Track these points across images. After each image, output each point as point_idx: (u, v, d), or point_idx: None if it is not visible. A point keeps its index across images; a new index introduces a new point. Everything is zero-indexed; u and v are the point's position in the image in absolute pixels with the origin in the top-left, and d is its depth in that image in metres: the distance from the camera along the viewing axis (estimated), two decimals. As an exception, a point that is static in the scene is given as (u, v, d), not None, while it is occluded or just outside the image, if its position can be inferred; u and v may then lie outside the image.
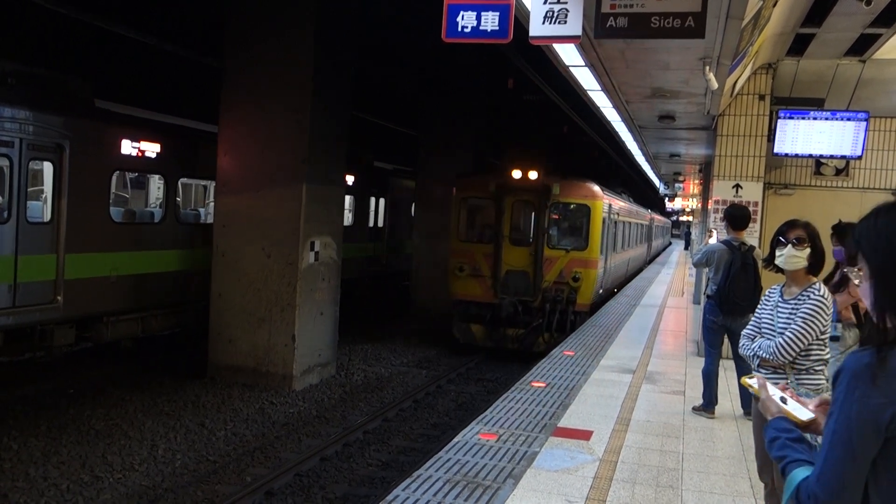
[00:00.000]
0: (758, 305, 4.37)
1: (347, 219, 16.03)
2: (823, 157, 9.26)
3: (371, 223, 19.19)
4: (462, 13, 5.10)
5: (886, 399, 1.54)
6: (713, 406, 6.91)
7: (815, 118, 8.65)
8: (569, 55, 6.68)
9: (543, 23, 4.91)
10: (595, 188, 14.71)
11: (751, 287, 6.55)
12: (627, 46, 6.31)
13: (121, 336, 11.32)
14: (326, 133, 11.54)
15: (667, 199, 39.62)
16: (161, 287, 11.72)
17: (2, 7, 12.32)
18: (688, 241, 39.26)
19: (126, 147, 10.94)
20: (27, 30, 13.02)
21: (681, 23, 4.64)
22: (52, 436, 8.59)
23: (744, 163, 9.32)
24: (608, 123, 11.51)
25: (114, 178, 11.08)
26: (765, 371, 4.07)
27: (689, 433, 6.37)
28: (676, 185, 27.40)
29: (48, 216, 9.82)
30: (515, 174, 14.09)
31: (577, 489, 4.86)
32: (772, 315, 4.12)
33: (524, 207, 14.55)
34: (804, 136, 8.65)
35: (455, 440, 5.83)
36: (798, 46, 8.16)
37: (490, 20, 5.07)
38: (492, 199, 14.41)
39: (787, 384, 3.84)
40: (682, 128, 11.02)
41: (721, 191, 9.39)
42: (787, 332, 3.96)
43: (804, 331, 3.92)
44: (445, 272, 14.99)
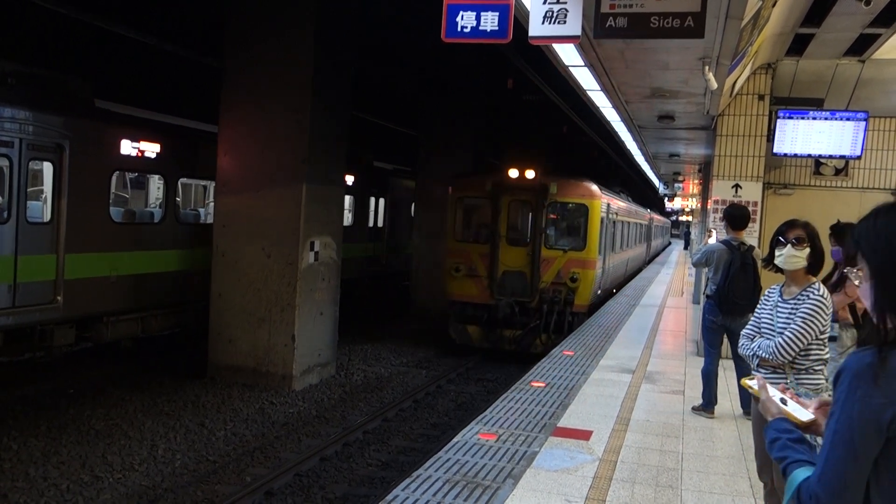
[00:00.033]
0: (757, 305, 4.37)
1: (347, 219, 16.04)
2: (823, 157, 9.27)
3: (371, 223, 19.20)
4: (461, 13, 5.10)
5: (887, 399, 1.54)
6: (713, 406, 6.92)
7: (815, 118, 8.66)
8: (568, 55, 6.68)
9: (543, 23, 4.92)
10: (593, 187, 14.52)
11: (750, 287, 6.56)
12: (627, 46, 6.31)
13: (121, 336, 11.32)
14: (326, 133, 11.55)
15: (666, 199, 39.64)
16: (161, 287, 11.73)
17: (2, 7, 12.32)
18: (687, 241, 39.26)
19: (126, 147, 10.94)
20: (27, 30, 13.01)
21: (680, 23, 4.65)
22: (52, 436, 8.59)
23: (743, 163, 9.33)
24: (608, 123, 11.52)
25: (113, 178, 11.09)
26: (764, 371, 4.07)
27: (689, 433, 6.37)
28: (676, 185, 27.42)
29: (48, 216, 9.82)
30: (512, 173, 13.91)
31: (577, 489, 4.86)
32: (771, 315, 4.12)
33: (521, 207, 14.35)
34: (803, 136, 8.66)
35: (455, 440, 5.83)
36: (797, 46, 8.17)
37: (489, 20, 5.07)
38: (488, 199, 14.23)
39: (787, 385, 3.86)
40: (682, 128, 11.03)
41: (720, 191, 9.39)
42: (787, 332, 3.96)
43: (803, 330, 3.92)
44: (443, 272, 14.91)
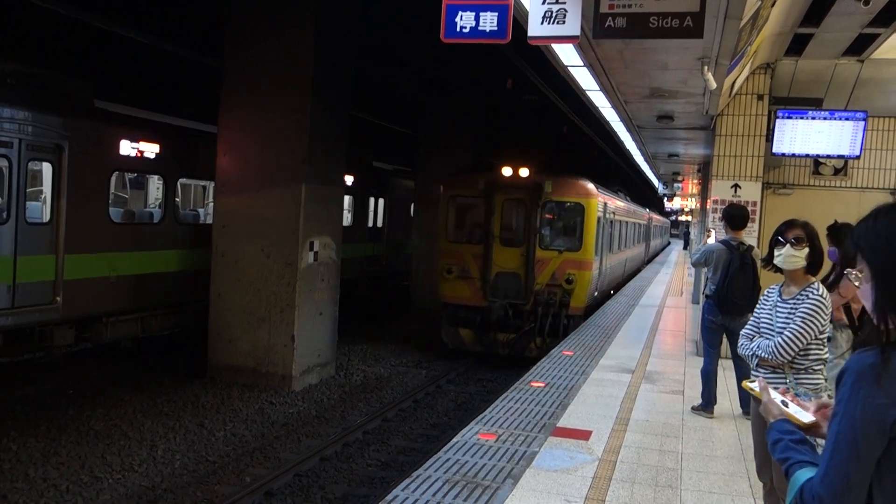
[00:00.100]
0: (756, 305, 4.37)
1: (347, 219, 16.04)
2: (822, 157, 9.27)
3: (370, 223, 19.20)
4: (461, 13, 5.10)
5: (890, 399, 1.54)
6: (712, 406, 6.92)
7: (814, 118, 8.66)
8: (567, 55, 6.67)
9: (542, 23, 4.91)
10: (589, 186, 14.11)
11: (749, 287, 6.56)
12: (626, 46, 6.32)
13: (120, 336, 11.32)
14: (326, 133, 11.55)
15: (665, 199, 39.66)
16: (160, 287, 11.73)
17: (1, 7, 12.31)
18: (686, 241, 39.27)
19: (125, 147, 10.94)
20: (27, 30, 13.01)
21: (679, 23, 4.65)
22: (52, 436, 8.59)
23: (742, 162, 9.33)
24: (607, 123, 11.51)
25: (113, 179, 11.10)
26: (763, 371, 4.08)
27: (688, 433, 6.37)
28: (675, 185, 27.42)
29: (47, 217, 9.82)
30: (506, 171, 13.52)
31: (577, 489, 4.87)
32: (770, 315, 4.12)
33: (515, 206, 13.91)
34: (802, 136, 8.66)
35: (454, 440, 5.83)
36: (796, 46, 8.17)
37: (489, 20, 5.07)
38: (481, 198, 13.84)
39: (787, 386, 3.86)
40: (681, 128, 11.03)
41: (720, 190, 9.39)
42: (786, 332, 3.96)
43: (803, 330, 3.92)
44: (440, 273, 14.72)
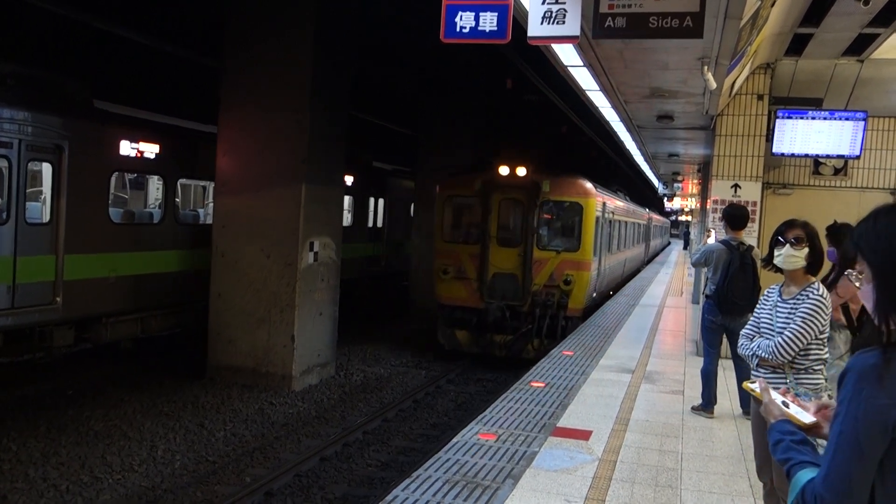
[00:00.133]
0: (756, 305, 4.37)
1: (346, 219, 16.03)
2: (822, 157, 9.27)
3: (370, 223, 19.20)
4: (460, 13, 5.10)
5: (892, 400, 1.54)
6: (712, 406, 6.92)
7: (814, 118, 8.66)
8: (567, 55, 6.67)
9: (542, 23, 4.91)
10: (588, 185, 13.91)
11: (749, 287, 6.56)
12: (626, 46, 6.31)
13: (120, 337, 11.32)
14: (326, 133, 11.55)
15: (665, 199, 39.66)
16: (160, 288, 11.73)
17: (0, 8, 12.31)
18: (686, 241, 39.28)
19: (125, 148, 10.94)
20: (26, 31, 13.00)
21: (679, 23, 4.65)
22: (52, 437, 8.59)
23: (742, 162, 9.33)
24: (607, 123, 11.51)
25: (113, 179, 11.09)
26: (764, 370, 4.07)
27: (688, 433, 6.37)
28: (675, 185, 27.42)
29: (47, 217, 9.82)
30: (503, 170, 13.35)
31: (577, 489, 4.86)
32: (771, 315, 4.12)
33: (512, 206, 13.69)
34: (802, 136, 8.66)
35: (454, 440, 5.83)
36: (796, 46, 8.17)
37: (488, 20, 5.06)
38: (478, 197, 13.63)
39: (788, 387, 3.86)
40: (681, 128, 11.03)
41: (720, 190, 9.39)
42: (787, 332, 3.96)
43: (803, 330, 3.92)
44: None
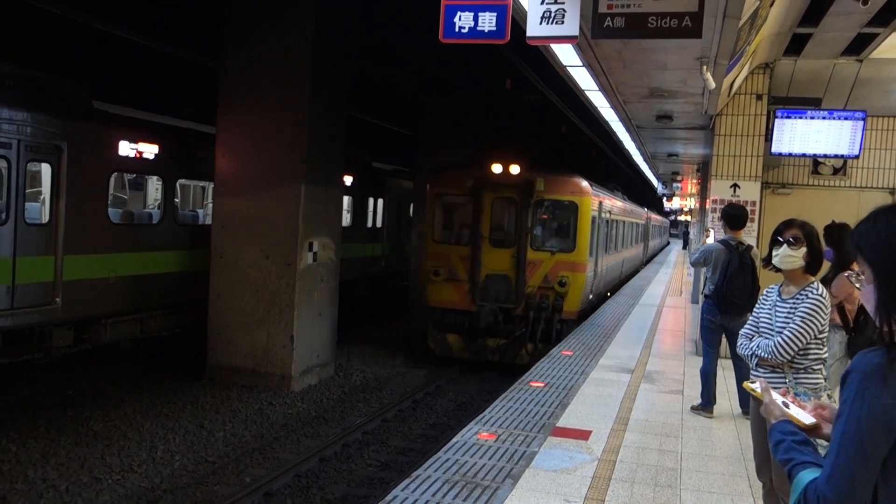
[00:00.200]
0: (756, 305, 4.38)
1: (346, 219, 16.03)
2: (821, 157, 9.28)
3: (370, 224, 19.20)
4: (459, 14, 5.10)
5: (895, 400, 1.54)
6: (711, 405, 6.92)
7: (813, 118, 8.66)
8: (566, 55, 6.68)
9: (541, 23, 4.91)
10: (583, 184, 13.46)
11: (748, 286, 6.56)
12: (625, 46, 6.32)
13: (119, 337, 11.31)
14: (325, 133, 11.55)
15: (665, 199, 39.65)
16: (159, 288, 11.72)
17: (0, 8, 12.30)
18: (686, 241, 39.29)
19: (124, 148, 10.93)
20: (25, 32, 13.00)
21: (678, 23, 4.65)
22: (51, 437, 8.59)
23: (741, 162, 9.33)
24: (606, 123, 11.52)
25: (112, 180, 11.08)
26: (763, 370, 4.08)
27: (688, 432, 6.37)
28: (674, 185, 27.43)
29: (46, 217, 9.81)
30: (495, 168, 12.89)
31: (576, 489, 4.86)
32: (770, 314, 4.13)
33: (505, 205, 13.27)
34: (801, 136, 8.66)
35: (454, 440, 5.83)
36: (795, 46, 8.17)
37: (487, 21, 5.06)
38: (469, 196, 13.17)
39: (787, 387, 3.86)
40: (680, 127, 11.03)
41: (719, 190, 9.40)
42: (786, 331, 3.96)
43: (803, 330, 3.92)
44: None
